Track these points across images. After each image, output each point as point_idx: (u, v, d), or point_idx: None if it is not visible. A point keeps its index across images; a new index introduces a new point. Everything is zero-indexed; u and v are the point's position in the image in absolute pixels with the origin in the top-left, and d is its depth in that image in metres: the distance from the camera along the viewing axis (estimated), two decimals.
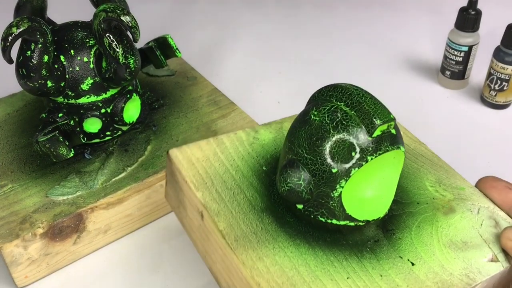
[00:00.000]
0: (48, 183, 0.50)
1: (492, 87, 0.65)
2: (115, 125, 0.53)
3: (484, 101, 0.68)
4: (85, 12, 0.62)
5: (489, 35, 0.76)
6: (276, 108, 0.68)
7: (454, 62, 0.68)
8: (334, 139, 0.35)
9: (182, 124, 0.57)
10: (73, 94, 0.50)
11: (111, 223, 0.50)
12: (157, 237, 0.52)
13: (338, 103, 0.37)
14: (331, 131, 0.35)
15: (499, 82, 0.64)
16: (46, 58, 0.47)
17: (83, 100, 0.51)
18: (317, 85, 0.52)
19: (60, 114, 0.51)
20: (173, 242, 0.52)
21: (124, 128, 0.54)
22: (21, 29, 0.45)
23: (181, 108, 0.59)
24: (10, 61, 0.47)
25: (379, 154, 0.35)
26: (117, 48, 0.48)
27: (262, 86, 0.72)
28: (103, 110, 0.52)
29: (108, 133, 0.53)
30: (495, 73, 0.64)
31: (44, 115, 0.51)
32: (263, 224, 0.38)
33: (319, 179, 0.36)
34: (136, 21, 0.48)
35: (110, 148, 0.54)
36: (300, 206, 0.38)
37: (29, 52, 0.47)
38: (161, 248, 0.51)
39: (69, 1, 0.87)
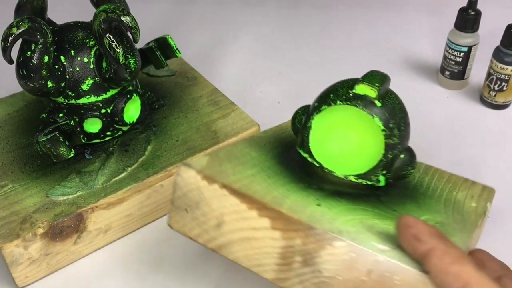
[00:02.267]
0: (49, 183, 0.50)
1: (492, 87, 0.65)
2: (115, 125, 0.53)
3: (483, 101, 0.68)
4: (85, 13, 0.62)
5: (488, 36, 0.76)
6: (276, 108, 0.68)
7: (453, 63, 0.68)
8: (332, 86, 0.44)
9: (182, 124, 0.57)
10: (73, 94, 0.50)
11: (111, 223, 0.50)
12: (157, 237, 0.52)
13: (364, 77, 0.44)
14: (337, 83, 0.45)
15: (498, 82, 0.65)
16: (46, 58, 0.47)
17: (83, 100, 0.51)
18: (317, 85, 0.52)
19: (61, 114, 0.51)
20: (173, 242, 0.52)
21: (124, 128, 0.54)
22: (21, 30, 0.45)
23: (181, 108, 0.59)
24: (10, 61, 0.47)
25: (347, 104, 0.42)
26: (117, 48, 0.48)
27: (262, 86, 0.73)
28: (103, 110, 0.52)
29: (108, 133, 0.53)
30: (494, 73, 0.64)
31: (44, 115, 0.51)
32: (272, 145, 0.48)
33: (308, 112, 0.45)
34: (136, 22, 0.48)
35: (110, 148, 0.54)
36: (297, 136, 0.46)
37: (29, 53, 0.47)
38: (161, 248, 0.51)
39: (69, 2, 0.87)
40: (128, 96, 0.53)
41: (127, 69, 0.49)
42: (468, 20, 0.65)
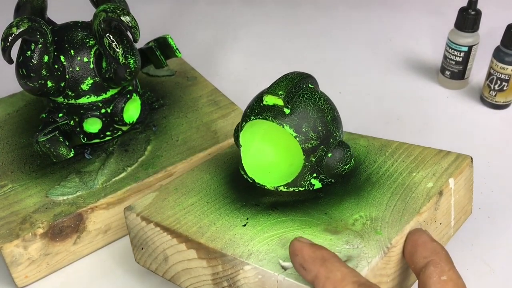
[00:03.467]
0: (48, 183, 0.50)
1: (492, 87, 0.65)
2: (115, 125, 0.53)
3: (484, 101, 0.68)
4: (85, 12, 0.62)
5: (489, 35, 0.76)
6: None
7: (454, 62, 0.68)
8: (251, 101, 0.45)
9: (182, 124, 0.57)
10: (73, 94, 0.50)
11: (111, 223, 0.50)
12: None
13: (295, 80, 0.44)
14: (254, 97, 0.45)
15: (499, 82, 0.64)
16: (46, 58, 0.47)
17: (83, 100, 0.51)
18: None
19: (60, 114, 0.51)
20: None
21: (124, 128, 0.54)
22: (21, 29, 0.45)
23: (181, 108, 0.59)
24: (10, 61, 0.47)
25: (259, 118, 0.42)
26: (117, 48, 0.48)
27: (262, 86, 0.72)
28: (103, 110, 0.52)
29: (108, 133, 0.53)
30: (495, 73, 0.64)
31: (44, 115, 0.51)
32: (229, 163, 0.49)
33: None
34: (136, 21, 0.48)
35: (110, 148, 0.54)
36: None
37: (29, 52, 0.47)
38: None
39: (69, 1, 0.87)
40: (128, 96, 0.53)
41: (127, 69, 0.49)
42: (468, 20, 0.65)
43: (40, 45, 0.47)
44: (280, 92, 0.42)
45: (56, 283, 0.48)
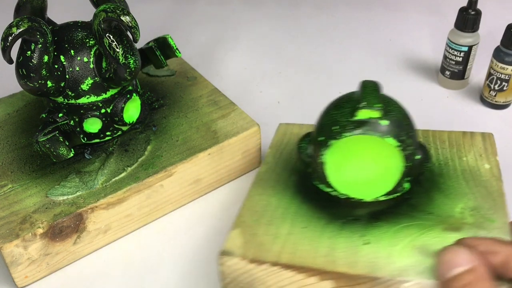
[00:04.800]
0: (48, 183, 0.50)
1: (492, 87, 0.65)
2: (115, 125, 0.53)
3: (484, 101, 0.68)
4: (85, 12, 0.62)
5: (489, 35, 0.76)
6: (276, 108, 0.68)
7: (454, 62, 0.68)
8: (328, 115, 0.43)
9: (182, 124, 0.57)
10: (73, 94, 0.50)
11: (111, 223, 0.50)
12: (157, 237, 0.52)
13: (355, 92, 0.44)
14: (332, 109, 0.44)
15: (499, 82, 0.65)
16: (46, 58, 0.47)
17: (83, 100, 0.51)
18: (317, 85, 0.52)
19: (60, 114, 0.51)
20: (173, 242, 0.52)
21: (124, 128, 0.54)
22: (21, 29, 0.45)
23: (181, 108, 0.59)
24: (10, 61, 0.47)
25: (356, 134, 0.41)
26: (117, 48, 0.48)
27: (262, 86, 0.73)
28: (103, 110, 0.52)
29: (108, 133, 0.53)
30: (495, 73, 0.64)
31: (44, 115, 0.51)
32: (285, 181, 0.47)
33: (313, 146, 0.44)
34: (136, 21, 0.48)
35: (110, 148, 0.54)
36: (309, 170, 0.46)
37: (29, 52, 0.47)
38: (161, 248, 0.51)
39: (69, 1, 0.87)
40: (128, 96, 0.53)
41: (127, 69, 0.49)
42: (468, 20, 0.65)
43: (40, 45, 0.47)
44: (376, 105, 0.41)
45: (56, 283, 0.48)
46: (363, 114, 0.41)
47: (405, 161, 0.42)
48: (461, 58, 0.67)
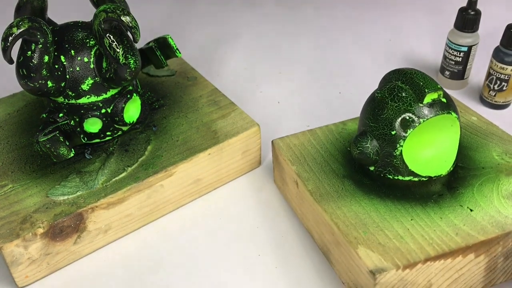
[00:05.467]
0: (49, 183, 0.50)
1: (492, 87, 0.66)
2: (115, 125, 0.53)
3: (483, 101, 0.68)
4: (85, 12, 0.62)
5: (488, 36, 0.76)
6: (276, 108, 0.68)
7: (453, 62, 0.68)
8: (390, 108, 0.45)
9: (182, 124, 0.57)
10: (73, 94, 0.50)
11: (112, 223, 0.50)
12: (157, 237, 0.52)
13: (396, 82, 0.47)
14: (389, 102, 0.46)
15: (498, 82, 0.65)
16: (46, 58, 0.47)
17: (83, 100, 0.51)
18: (317, 85, 0.52)
19: (61, 114, 0.51)
20: (173, 242, 0.52)
21: (124, 128, 0.54)
22: (21, 30, 0.45)
23: (181, 108, 0.59)
24: (10, 61, 0.47)
25: (430, 117, 0.44)
26: (118, 48, 0.48)
27: (262, 86, 0.73)
28: (103, 110, 0.52)
29: (108, 133, 0.53)
30: (494, 73, 0.64)
31: (44, 115, 0.51)
32: (343, 185, 0.48)
33: (383, 142, 0.46)
34: (136, 21, 0.48)
35: (111, 148, 0.54)
36: (372, 168, 0.48)
37: (29, 53, 0.47)
38: (161, 248, 0.51)
39: (69, 2, 0.87)
40: (128, 96, 0.53)
41: (127, 69, 0.49)
42: (468, 20, 0.65)
43: (41, 45, 0.47)
44: (438, 85, 0.45)
45: (57, 282, 0.49)
46: (429, 97, 0.44)
47: (460, 129, 0.47)
48: (460, 58, 0.67)
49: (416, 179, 0.47)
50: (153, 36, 0.57)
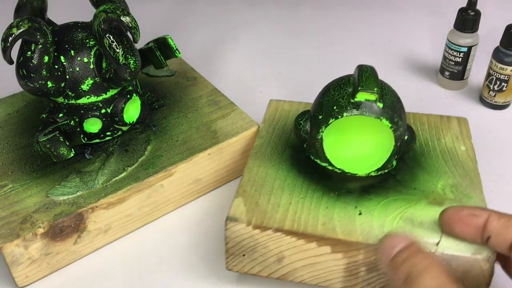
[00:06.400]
0: (49, 183, 0.50)
1: (491, 88, 0.66)
2: (115, 125, 0.53)
3: (483, 101, 0.68)
4: (85, 13, 0.62)
5: (488, 36, 0.76)
6: None
7: (453, 63, 0.68)
8: (329, 95, 0.46)
9: (182, 124, 0.57)
10: (73, 94, 0.50)
11: (112, 223, 0.50)
12: (157, 237, 0.52)
13: (352, 75, 0.47)
14: (331, 90, 0.47)
15: (498, 82, 0.65)
16: (46, 58, 0.47)
17: (83, 100, 0.51)
18: (317, 85, 0.52)
19: (61, 115, 0.51)
20: (173, 242, 0.52)
21: (124, 128, 0.54)
22: (21, 30, 0.45)
23: (181, 108, 0.59)
24: (10, 61, 0.47)
25: (355, 115, 0.45)
26: (117, 48, 0.48)
27: (262, 86, 0.73)
28: (103, 111, 0.52)
29: (108, 133, 0.53)
30: (494, 73, 0.64)
31: (44, 116, 0.51)
32: (282, 153, 0.51)
33: (312, 123, 0.47)
34: (136, 22, 0.48)
35: (111, 148, 0.54)
36: (305, 145, 0.49)
37: (29, 53, 0.47)
38: (161, 248, 0.51)
39: (69, 2, 0.87)
40: (128, 96, 0.53)
41: (127, 69, 0.49)
42: (467, 20, 0.65)
43: (40, 46, 0.47)
44: (375, 88, 0.44)
45: (57, 283, 0.49)
46: (361, 96, 0.44)
47: (395, 141, 0.46)
48: (460, 59, 0.67)
49: (330, 167, 0.48)
50: (153, 36, 0.57)
